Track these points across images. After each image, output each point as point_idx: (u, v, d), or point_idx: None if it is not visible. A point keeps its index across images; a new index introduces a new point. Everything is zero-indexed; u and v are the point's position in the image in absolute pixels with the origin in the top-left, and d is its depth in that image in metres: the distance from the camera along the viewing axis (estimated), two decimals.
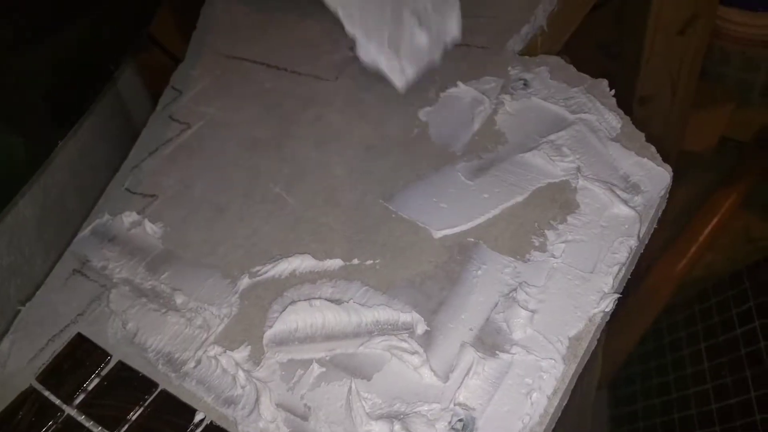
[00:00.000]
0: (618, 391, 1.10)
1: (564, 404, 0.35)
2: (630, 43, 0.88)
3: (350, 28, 0.48)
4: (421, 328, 0.38)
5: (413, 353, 0.36)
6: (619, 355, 1.08)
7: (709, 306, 1.02)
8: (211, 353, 0.40)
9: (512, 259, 0.40)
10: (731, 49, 1.10)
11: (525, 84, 0.49)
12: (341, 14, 0.48)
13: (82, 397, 0.41)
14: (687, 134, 1.09)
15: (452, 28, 0.50)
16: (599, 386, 1.03)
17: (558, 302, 0.37)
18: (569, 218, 0.41)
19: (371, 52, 0.48)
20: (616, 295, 0.37)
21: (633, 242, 0.38)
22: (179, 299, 0.43)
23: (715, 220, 1.10)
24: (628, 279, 0.41)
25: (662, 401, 1.02)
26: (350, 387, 0.36)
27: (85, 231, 0.50)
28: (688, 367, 1.00)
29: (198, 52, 0.64)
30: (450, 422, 0.34)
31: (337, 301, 0.40)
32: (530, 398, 0.34)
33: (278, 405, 0.37)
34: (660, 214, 0.41)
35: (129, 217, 0.49)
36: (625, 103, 0.47)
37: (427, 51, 0.49)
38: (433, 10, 0.49)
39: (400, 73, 0.48)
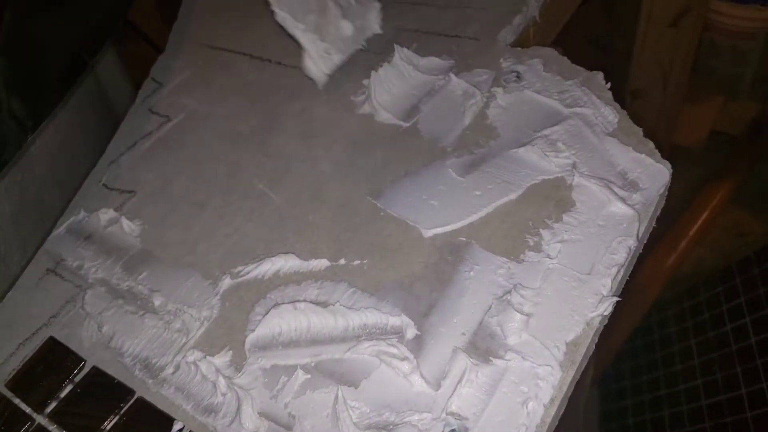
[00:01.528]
0: (608, 387, 1.09)
1: (561, 413, 0.33)
2: (622, 37, 0.86)
3: (277, 8, 0.47)
4: (411, 332, 0.36)
5: (403, 359, 0.35)
6: (608, 351, 1.07)
7: (699, 302, 1.01)
8: (191, 358, 0.38)
9: (506, 259, 0.38)
10: (721, 42, 1.08)
11: (518, 76, 0.47)
12: None
13: (54, 405, 0.39)
14: (677, 128, 1.08)
15: (373, 23, 0.49)
16: (590, 383, 1.02)
17: (554, 305, 0.36)
18: (565, 217, 0.39)
19: (297, 35, 0.47)
20: (615, 299, 0.35)
21: (632, 242, 0.37)
22: (157, 301, 0.41)
23: (705, 215, 1.09)
24: None
25: (652, 397, 1.01)
26: (337, 395, 0.34)
27: (60, 228, 0.48)
28: (678, 363, 1.00)
29: (179, 42, 0.62)
30: None
31: (323, 304, 0.38)
32: (526, 407, 0.32)
33: (261, 414, 0.35)
34: (659, 212, 0.40)
35: (106, 215, 0.47)
36: (617, 97, 0.45)
37: (351, 42, 0.48)
38: (356, 2, 0.49)
39: (323, 57, 0.48)
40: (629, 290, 0.36)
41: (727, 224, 1.12)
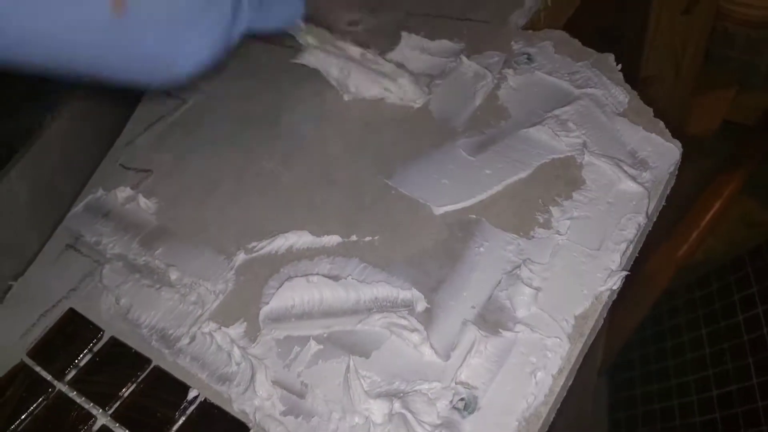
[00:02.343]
0: (616, 377, 1.09)
1: (569, 384, 0.34)
2: (633, 23, 0.86)
3: None
4: (421, 305, 0.37)
5: (413, 330, 0.35)
6: (617, 340, 1.07)
7: (710, 291, 1.01)
8: (206, 329, 0.39)
9: (515, 236, 0.39)
10: (735, 31, 1.08)
11: (528, 58, 0.48)
12: None
13: (73, 373, 0.40)
14: (689, 117, 1.08)
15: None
16: (599, 371, 1.03)
17: (563, 280, 0.36)
18: (575, 194, 0.40)
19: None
20: (624, 273, 0.36)
21: (641, 219, 0.37)
22: (173, 275, 0.42)
23: (716, 205, 1.09)
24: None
25: (661, 387, 1.01)
26: (348, 365, 0.35)
27: (79, 206, 0.49)
28: (687, 353, 1.00)
29: None
30: (451, 401, 0.33)
31: (335, 278, 0.39)
32: (535, 377, 0.33)
33: (274, 382, 0.36)
34: (669, 191, 0.40)
35: (123, 193, 0.48)
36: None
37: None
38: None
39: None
40: (639, 279, 0.37)
41: (737, 215, 1.12)
